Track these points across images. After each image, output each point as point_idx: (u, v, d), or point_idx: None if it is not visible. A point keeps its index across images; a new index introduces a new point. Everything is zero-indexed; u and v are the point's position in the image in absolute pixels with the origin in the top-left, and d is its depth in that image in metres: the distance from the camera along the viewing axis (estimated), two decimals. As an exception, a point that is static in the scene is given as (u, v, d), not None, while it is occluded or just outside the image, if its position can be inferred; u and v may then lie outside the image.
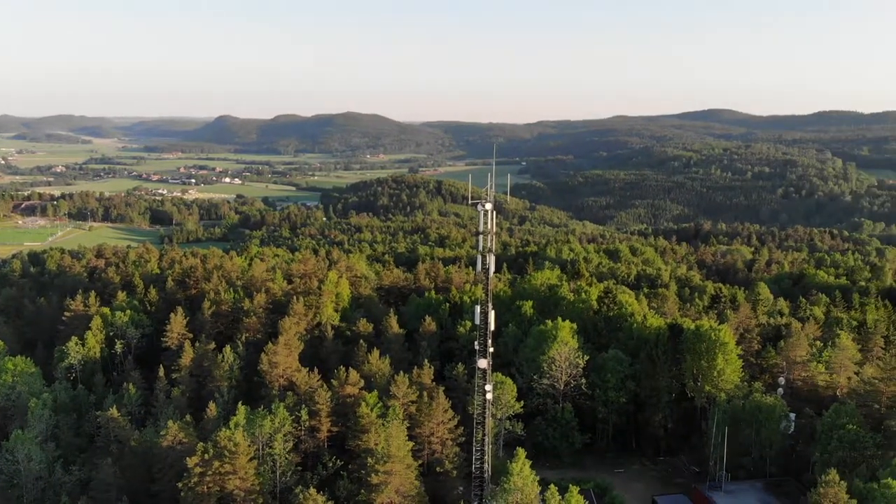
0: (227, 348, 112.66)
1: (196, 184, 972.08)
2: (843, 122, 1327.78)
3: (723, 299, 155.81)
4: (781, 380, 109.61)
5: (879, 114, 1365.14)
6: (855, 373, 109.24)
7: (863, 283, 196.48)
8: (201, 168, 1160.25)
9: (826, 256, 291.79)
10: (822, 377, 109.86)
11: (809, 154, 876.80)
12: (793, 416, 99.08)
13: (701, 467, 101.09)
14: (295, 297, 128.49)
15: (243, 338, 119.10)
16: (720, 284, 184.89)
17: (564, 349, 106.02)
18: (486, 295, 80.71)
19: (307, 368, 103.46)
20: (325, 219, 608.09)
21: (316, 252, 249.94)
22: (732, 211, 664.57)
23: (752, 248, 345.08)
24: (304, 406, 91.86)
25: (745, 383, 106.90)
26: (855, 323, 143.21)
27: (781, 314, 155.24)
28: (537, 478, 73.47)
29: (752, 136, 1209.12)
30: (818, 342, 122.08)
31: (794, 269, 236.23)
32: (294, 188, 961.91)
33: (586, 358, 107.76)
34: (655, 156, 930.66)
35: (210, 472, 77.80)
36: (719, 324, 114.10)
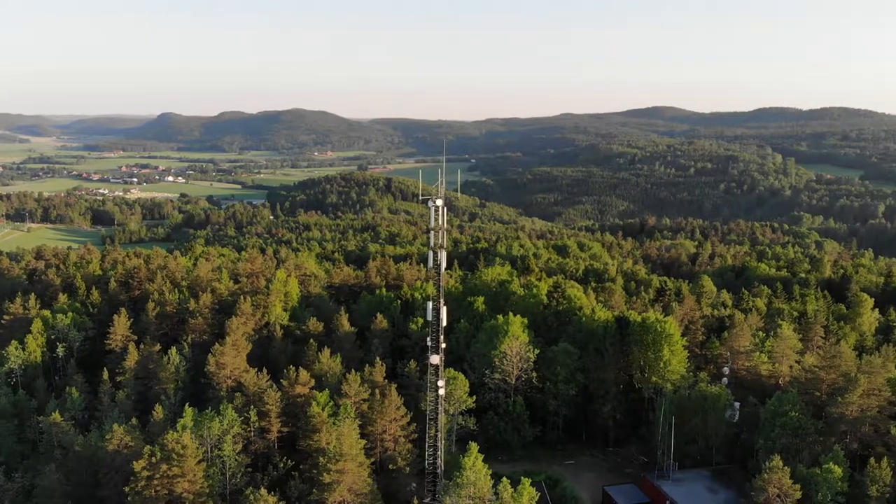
0: (173, 350, 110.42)
1: (138, 183, 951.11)
2: (782, 119, 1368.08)
3: (668, 292, 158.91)
4: (726, 370, 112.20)
5: (817, 110, 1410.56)
6: (796, 361, 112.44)
7: (803, 275, 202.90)
8: (143, 167, 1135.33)
9: (767, 249, 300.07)
10: (764, 366, 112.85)
11: (750, 150, 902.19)
12: (737, 404, 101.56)
13: (649, 457, 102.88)
14: (242, 297, 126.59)
15: (189, 339, 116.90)
16: (665, 278, 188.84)
17: (515, 343, 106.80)
18: (438, 291, 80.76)
19: (256, 369, 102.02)
20: (272, 217, 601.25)
21: (263, 251, 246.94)
22: (676, 206, 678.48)
23: (696, 242, 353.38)
24: (253, 407, 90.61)
25: (691, 374, 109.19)
26: (795, 313, 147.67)
27: (725, 306, 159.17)
28: (490, 471, 73.85)
29: (694, 133, 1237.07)
30: (760, 332, 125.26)
31: (736, 262, 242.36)
32: (240, 186, 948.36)
33: (537, 352, 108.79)
34: (601, 153, 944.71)
35: (157, 476, 76.25)
36: (665, 316, 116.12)
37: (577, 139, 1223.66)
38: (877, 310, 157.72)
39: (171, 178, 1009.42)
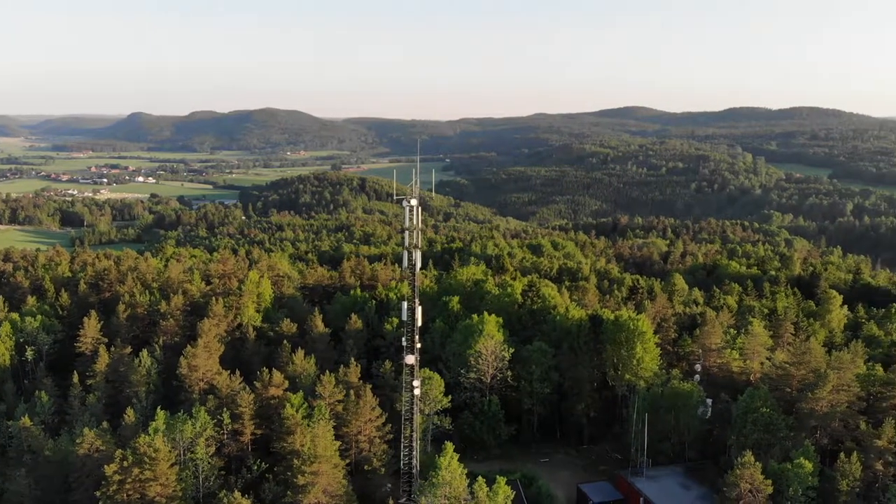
0: (144, 352, 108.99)
1: (108, 183, 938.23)
2: (752, 118, 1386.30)
3: (640, 290, 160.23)
4: (698, 367, 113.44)
5: (787, 109, 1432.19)
6: (767, 358, 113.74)
7: (773, 273, 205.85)
8: (113, 167, 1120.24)
9: (738, 247, 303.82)
10: (736, 363, 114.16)
11: (721, 149, 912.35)
12: (709, 401, 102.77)
13: (623, 454, 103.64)
14: (214, 299, 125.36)
15: (161, 341, 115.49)
16: (637, 276, 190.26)
17: (490, 343, 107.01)
18: (413, 291, 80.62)
19: (228, 371, 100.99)
20: (244, 217, 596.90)
21: (235, 252, 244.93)
22: (648, 205, 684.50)
23: (668, 241, 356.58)
24: (226, 409, 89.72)
25: (664, 371, 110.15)
26: (766, 310, 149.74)
27: (696, 303, 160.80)
28: (465, 471, 73.86)
29: (666, 133, 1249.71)
30: (732, 330, 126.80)
31: (707, 260, 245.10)
32: (211, 186, 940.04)
33: (511, 350, 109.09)
34: (574, 153, 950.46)
35: (129, 480, 75.23)
36: (637, 314, 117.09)
37: (551, 139, 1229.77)
38: (845, 307, 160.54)
39: (141, 179, 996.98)
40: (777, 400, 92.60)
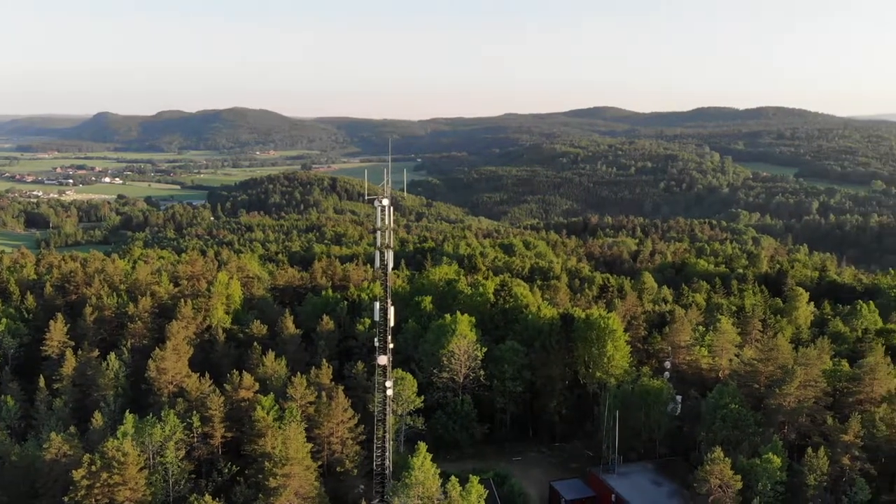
0: (112, 355, 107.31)
1: (74, 184, 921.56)
2: (720, 118, 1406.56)
3: (610, 289, 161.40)
4: (667, 364, 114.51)
5: (753, 109, 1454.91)
6: (735, 355, 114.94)
7: (740, 271, 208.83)
8: (79, 168, 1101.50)
9: (706, 246, 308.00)
10: (705, 360, 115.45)
11: (689, 149, 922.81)
12: (679, 398, 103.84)
13: (595, 451, 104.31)
14: (183, 300, 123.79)
15: (129, 344, 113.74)
16: (608, 275, 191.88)
17: (463, 342, 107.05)
18: (385, 291, 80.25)
19: (198, 373, 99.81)
20: (213, 218, 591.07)
21: (204, 253, 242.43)
22: (618, 205, 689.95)
23: (637, 240, 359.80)
24: (195, 412, 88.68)
25: (634, 368, 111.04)
26: (734, 308, 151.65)
27: (665, 301, 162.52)
28: (438, 470, 73.73)
29: (635, 133, 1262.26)
30: (700, 327, 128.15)
31: (676, 258, 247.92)
32: (179, 187, 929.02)
33: (484, 350, 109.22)
34: (545, 152, 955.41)
35: (98, 485, 74.01)
36: (608, 312, 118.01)
37: (522, 139, 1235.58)
38: (812, 303, 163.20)
39: (108, 180, 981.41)
40: (745, 396, 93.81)
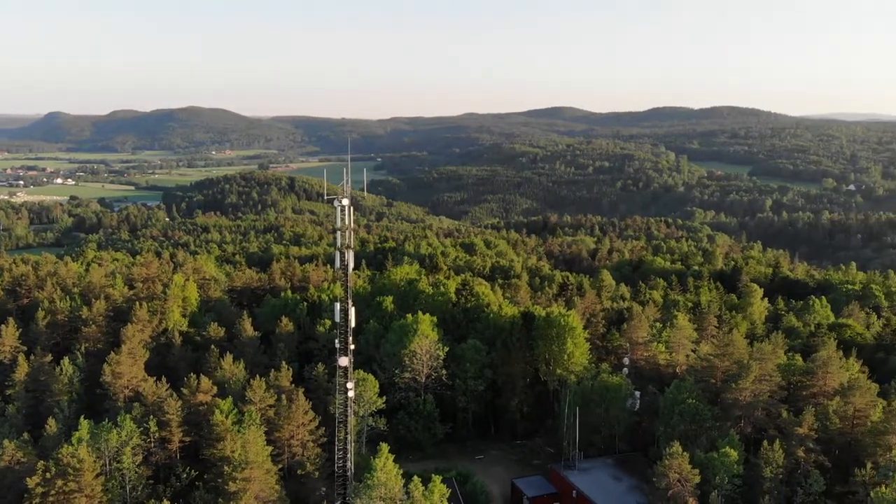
0: (66, 360, 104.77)
1: (25, 186, 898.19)
2: (675, 118, 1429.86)
3: (570, 287, 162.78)
4: (626, 360, 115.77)
5: (707, 109, 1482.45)
6: (692, 350, 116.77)
7: (696, 268, 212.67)
8: (30, 168, 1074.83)
9: (662, 244, 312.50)
10: (662, 356, 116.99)
11: (645, 148, 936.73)
12: (638, 393, 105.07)
13: (556, 448, 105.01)
14: (138, 303, 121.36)
15: (83, 348, 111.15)
16: (567, 273, 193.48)
17: (425, 342, 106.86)
18: (346, 292, 79.63)
19: (154, 378, 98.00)
20: (168, 219, 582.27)
21: (159, 255, 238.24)
22: (576, 203, 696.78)
23: (595, 239, 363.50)
24: (152, 417, 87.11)
25: (593, 365, 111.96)
26: (690, 304, 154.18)
27: (623, 299, 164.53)
28: (401, 471, 73.48)
29: (593, 133, 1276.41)
30: (658, 323, 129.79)
31: (633, 256, 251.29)
32: (133, 188, 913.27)
33: (446, 349, 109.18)
34: (505, 152, 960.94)
35: (53, 492, 72.22)
36: (567, 310, 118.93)
37: (482, 138, 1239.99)
38: (766, 299, 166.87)
39: (59, 181, 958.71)
40: (702, 391, 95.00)
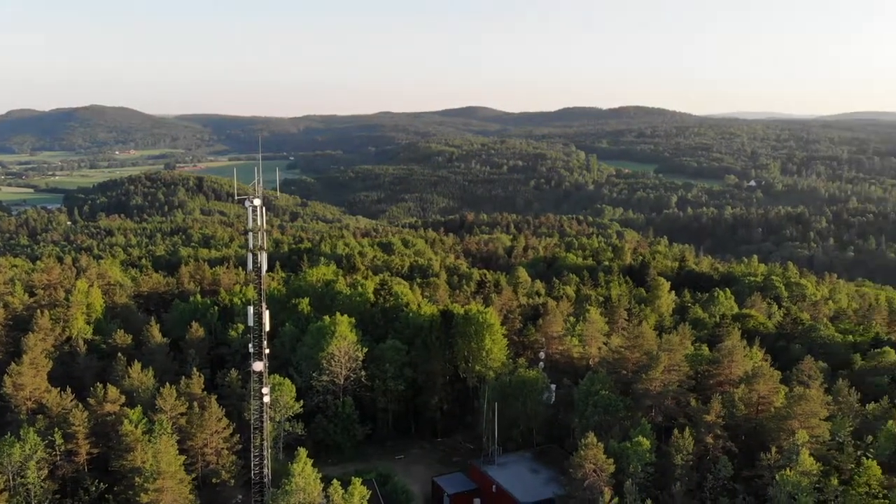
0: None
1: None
2: (585, 118, 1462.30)
3: (487, 284, 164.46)
4: (542, 354, 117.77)
5: (616, 109, 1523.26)
6: (604, 343, 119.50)
7: (606, 263, 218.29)
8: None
9: (574, 240, 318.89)
10: (576, 349, 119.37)
11: (557, 147, 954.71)
12: (553, 387, 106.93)
13: (475, 444, 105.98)
14: (39, 311, 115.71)
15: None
16: (485, 270, 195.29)
17: (343, 343, 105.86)
18: (259, 295, 77.96)
19: (59, 388, 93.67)
20: (70, 223, 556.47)
21: (61, 260, 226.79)
22: (492, 202, 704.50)
23: (511, 236, 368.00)
24: (57, 429, 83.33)
25: (511, 361, 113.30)
26: (601, 298, 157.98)
27: (539, 294, 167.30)
28: (320, 475, 72.54)
29: (506, 132, 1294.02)
30: (571, 318, 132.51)
31: (547, 253, 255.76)
32: (32, 190, 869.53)
33: (365, 350, 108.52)
34: (421, 151, 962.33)
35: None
36: (485, 307, 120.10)
37: (397, 137, 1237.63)
38: (673, 292, 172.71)
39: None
40: (615, 382, 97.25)
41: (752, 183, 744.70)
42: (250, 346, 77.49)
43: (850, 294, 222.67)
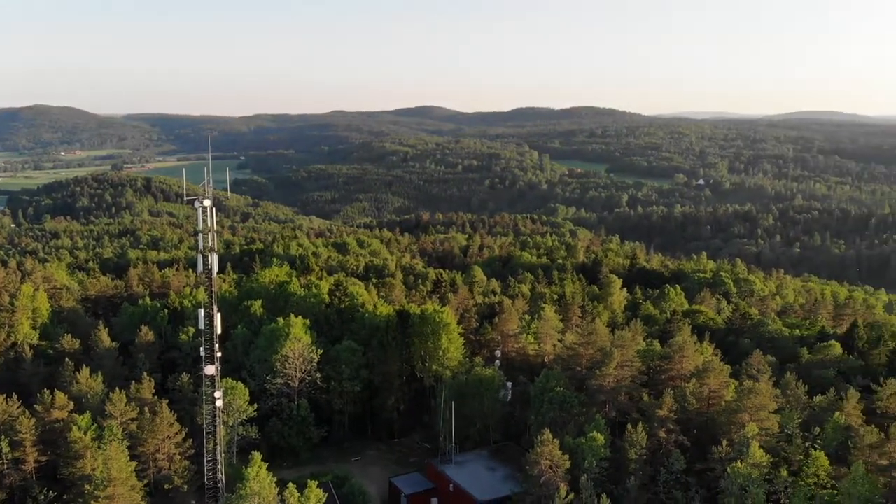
0: None
1: None
2: (538, 118, 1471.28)
3: (443, 283, 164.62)
4: (498, 352, 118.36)
5: (568, 109, 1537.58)
6: (559, 340, 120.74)
7: (560, 261, 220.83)
8: None
9: (529, 239, 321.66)
10: (531, 347, 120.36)
11: (511, 147, 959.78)
12: (509, 384, 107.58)
13: (433, 443, 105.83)
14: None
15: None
16: (441, 270, 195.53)
17: (298, 345, 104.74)
18: (210, 297, 76.72)
19: (4, 395, 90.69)
20: (13, 225, 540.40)
21: (5, 263, 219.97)
22: (447, 201, 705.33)
23: (466, 235, 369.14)
24: (3, 437, 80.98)
25: (467, 359, 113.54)
26: (556, 296, 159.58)
27: (494, 293, 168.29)
28: (275, 479, 71.73)
29: (460, 132, 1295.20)
30: (527, 316, 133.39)
31: (502, 252, 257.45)
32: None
33: (320, 352, 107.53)
34: (375, 150, 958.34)
35: None
36: (442, 306, 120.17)
37: (351, 137, 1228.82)
38: (625, 289, 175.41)
39: None
40: (569, 379, 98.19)
41: (701, 181, 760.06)
42: (202, 349, 76.26)
43: (797, 289, 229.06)
